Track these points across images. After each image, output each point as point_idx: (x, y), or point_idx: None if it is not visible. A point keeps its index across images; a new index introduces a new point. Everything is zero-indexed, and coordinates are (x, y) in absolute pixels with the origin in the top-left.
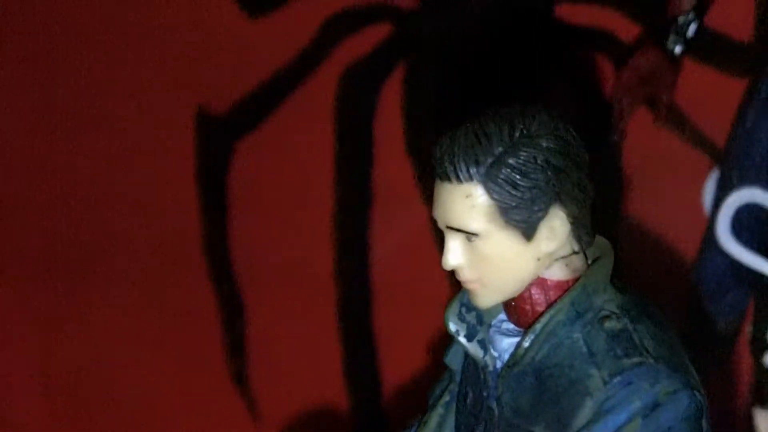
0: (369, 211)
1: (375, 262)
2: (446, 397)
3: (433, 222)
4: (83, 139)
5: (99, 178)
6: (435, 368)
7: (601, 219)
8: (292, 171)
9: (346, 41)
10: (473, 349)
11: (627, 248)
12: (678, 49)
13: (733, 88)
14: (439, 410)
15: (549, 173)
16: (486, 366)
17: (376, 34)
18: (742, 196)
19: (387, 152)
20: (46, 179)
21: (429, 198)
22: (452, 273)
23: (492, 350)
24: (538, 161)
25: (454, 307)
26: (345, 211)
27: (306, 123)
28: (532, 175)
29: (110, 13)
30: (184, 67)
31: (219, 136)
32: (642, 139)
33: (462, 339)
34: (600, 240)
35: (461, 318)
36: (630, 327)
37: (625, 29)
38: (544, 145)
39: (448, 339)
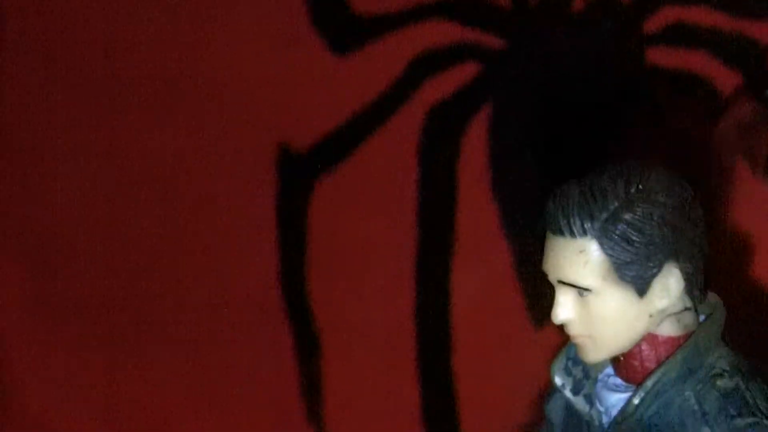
0: (451, 254)
1: (456, 306)
2: None
3: (520, 271)
4: (161, 179)
5: (177, 218)
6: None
7: (708, 278)
8: (374, 211)
9: (433, 80)
10: (579, 403)
11: (731, 303)
12: None
13: None
14: None
15: (665, 230)
16: (592, 420)
17: (462, 73)
18: None
19: (471, 194)
20: (121, 221)
21: (512, 241)
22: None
23: (598, 405)
24: (654, 217)
25: (561, 361)
26: (428, 252)
27: (389, 163)
28: (648, 232)
29: (196, 49)
30: (268, 105)
31: (300, 175)
32: (741, 191)
33: (567, 393)
34: (711, 297)
35: (567, 372)
36: (743, 386)
37: (720, 75)
38: (661, 200)
39: (548, 389)
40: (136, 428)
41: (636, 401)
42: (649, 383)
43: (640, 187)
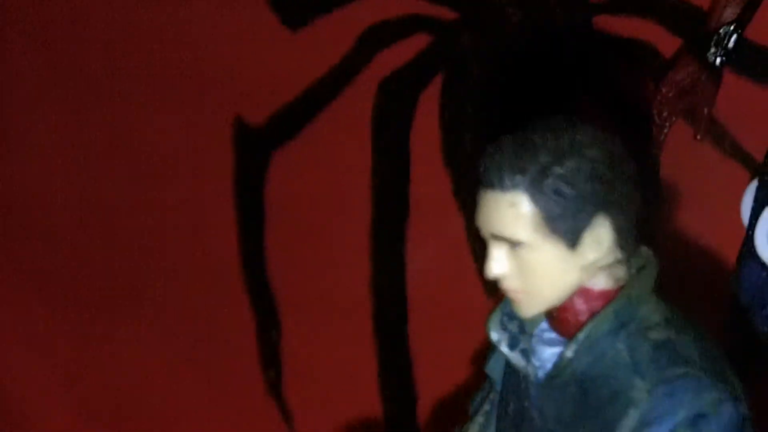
0: (406, 223)
1: (411, 274)
2: (486, 407)
3: (473, 232)
4: (118, 152)
5: (135, 191)
6: (471, 380)
7: (640, 231)
8: (329, 182)
9: (384, 52)
10: (515, 358)
11: (665, 260)
12: (718, 62)
13: None
14: (480, 419)
15: (594, 183)
16: (528, 375)
17: (413, 45)
18: None
19: (424, 163)
20: (81, 195)
21: (465, 209)
22: (490, 283)
23: (534, 360)
24: (584, 170)
25: (496, 317)
26: (382, 222)
27: (343, 134)
28: (578, 185)
29: (148, 26)
30: (222, 78)
31: (257, 146)
32: (681, 151)
33: (504, 348)
34: (643, 250)
35: (503, 327)
36: (674, 337)
37: (664, 41)
38: (590, 155)
39: (489, 348)
40: (104, 399)
41: (569, 354)
42: (581, 336)
43: (570, 141)
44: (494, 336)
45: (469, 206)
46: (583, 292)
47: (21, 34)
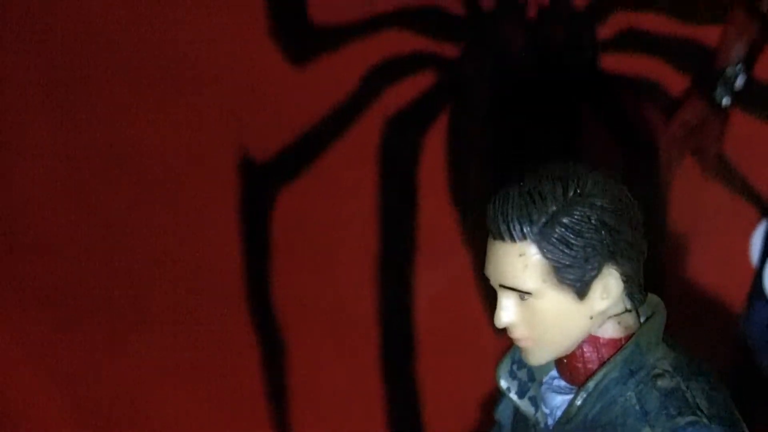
0: (412, 258)
1: (418, 309)
2: None
3: (480, 274)
4: (127, 184)
5: (143, 223)
6: (477, 414)
7: (647, 271)
8: (335, 218)
9: (390, 89)
10: (525, 405)
11: (674, 301)
12: (726, 101)
13: None
14: None
15: (603, 232)
16: (537, 423)
17: (419, 82)
18: None
19: (430, 200)
20: (92, 221)
21: (472, 244)
22: (504, 329)
23: (543, 407)
24: (592, 220)
25: (506, 364)
26: (388, 258)
27: (349, 171)
28: (586, 235)
29: (154, 60)
30: (228, 114)
31: (262, 183)
32: (690, 190)
33: (513, 396)
34: (652, 298)
35: (512, 375)
36: (683, 385)
37: (671, 80)
38: (598, 204)
39: (498, 393)
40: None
41: (578, 402)
42: (590, 384)
43: (578, 190)
44: (503, 384)
45: (476, 242)
46: (592, 340)
47: (16, 41)
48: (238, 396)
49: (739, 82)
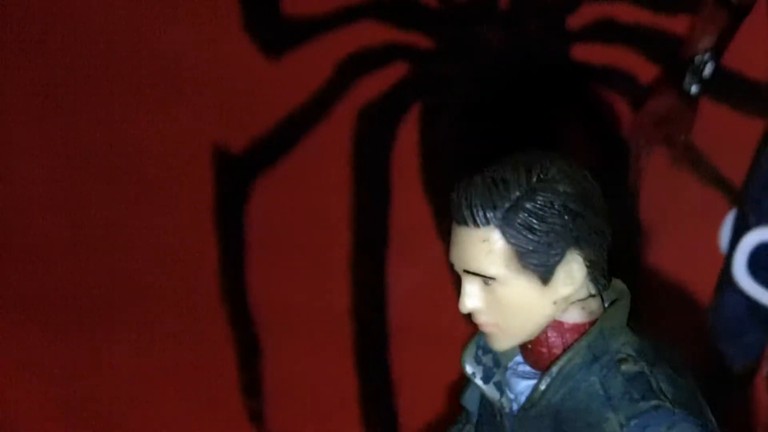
0: (386, 250)
1: (392, 302)
2: None
3: (451, 264)
4: (102, 179)
5: (116, 218)
6: (452, 407)
7: (618, 261)
8: (309, 210)
9: (363, 81)
10: (490, 391)
11: (644, 290)
12: (695, 90)
13: (750, 128)
14: None
15: (566, 218)
16: (502, 408)
17: (392, 74)
18: (759, 235)
19: (404, 191)
20: (64, 221)
21: (446, 237)
22: (469, 315)
23: (508, 392)
24: (556, 206)
25: (471, 350)
26: (362, 250)
27: (323, 162)
28: (549, 220)
29: (129, 53)
30: (202, 107)
31: (237, 175)
32: (659, 179)
33: (478, 381)
34: (616, 283)
35: (477, 360)
36: (647, 370)
37: (642, 70)
38: (561, 189)
39: (465, 380)
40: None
41: (542, 387)
42: (554, 369)
43: (542, 176)
44: (468, 369)
45: (448, 234)
46: (556, 325)
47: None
48: (214, 390)
49: (708, 70)
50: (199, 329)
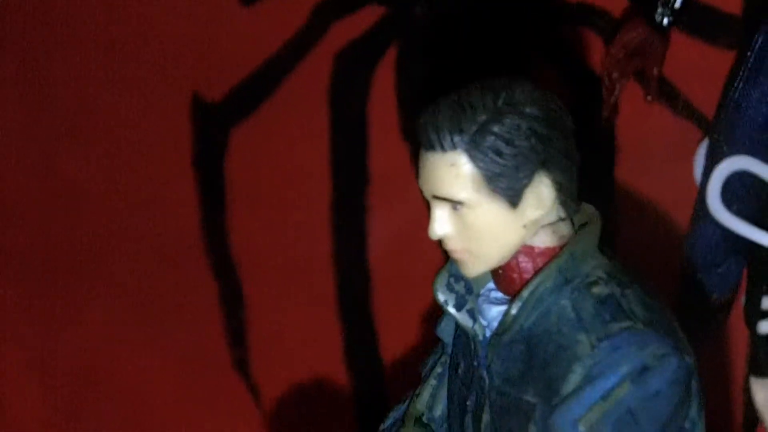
0: (365, 195)
1: (373, 247)
2: (438, 369)
3: (422, 193)
4: (78, 133)
5: (95, 172)
6: (430, 344)
7: (594, 192)
8: (288, 156)
9: (338, 25)
10: (462, 318)
11: (619, 221)
12: (666, 22)
13: (721, 59)
14: (432, 381)
15: (533, 140)
16: (476, 335)
17: (367, 17)
18: (732, 164)
19: (382, 136)
20: (42, 176)
21: None
22: (440, 243)
23: (481, 319)
24: (522, 128)
25: (443, 277)
26: (342, 196)
27: (301, 108)
28: (517, 143)
29: (104, 5)
30: (179, 56)
31: (215, 123)
32: (633, 112)
33: (451, 309)
34: (587, 207)
35: (450, 288)
36: (618, 292)
37: (614, 3)
38: (528, 112)
39: (440, 312)
40: (71, 379)
41: (514, 311)
42: (525, 293)
43: (508, 99)
44: (441, 297)
45: None
46: (527, 250)
47: None
48: (198, 340)
49: (679, 2)
50: (181, 280)
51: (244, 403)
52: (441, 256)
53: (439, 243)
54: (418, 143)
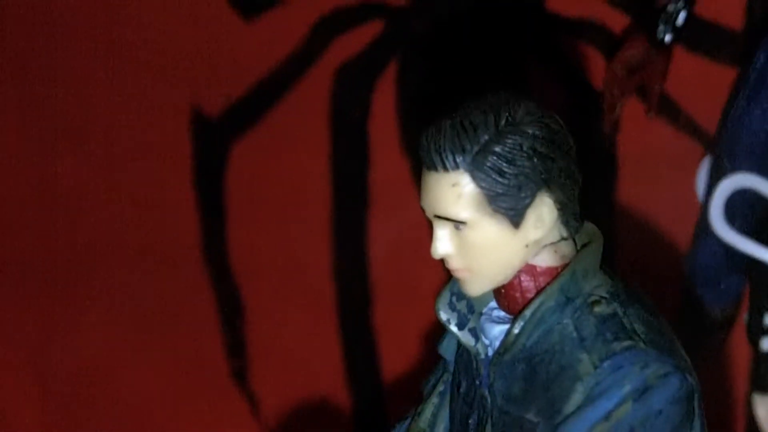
0: (366, 209)
1: (372, 259)
2: (440, 387)
3: (422, 209)
4: (79, 142)
5: (95, 181)
6: (433, 361)
7: (595, 209)
8: (288, 170)
9: (339, 40)
10: (465, 337)
11: (622, 238)
12: (668, 38)
13: (723, 75)
14: (434, 400)
15: (535, 160)
16: (478, 354)
17: (368, 32)
18: (734, 181)
19: (382, 149)
20: (43, 183)
21: None
22: (443, 261)
23: (483, 338)
24: (524, 148)
25: (445, 296)
26: (342, 209)
27: (301, 122)
28: (519, 162)
29: (104, 16)
30: (179, 69)
31: (215, 137)
32: (634, 128)
33: (453, 328)
34: (589, 226)
35: (452, 307)
36: (620, 311)
37: (615, 20)
38: (530, 132)
39: (442, 329)
40: (68, 383)
41: (516, 331)
42: (527, 313)
43: (510, 119)
44: (443, 316)
45: None
46: (529, 269)
47: None
48: (197, 351)
49: (681, 19)
50: (180, 290)
51: (242, 412)
52: (441, 269)
53: (442, 261)
54: (418, 157)
